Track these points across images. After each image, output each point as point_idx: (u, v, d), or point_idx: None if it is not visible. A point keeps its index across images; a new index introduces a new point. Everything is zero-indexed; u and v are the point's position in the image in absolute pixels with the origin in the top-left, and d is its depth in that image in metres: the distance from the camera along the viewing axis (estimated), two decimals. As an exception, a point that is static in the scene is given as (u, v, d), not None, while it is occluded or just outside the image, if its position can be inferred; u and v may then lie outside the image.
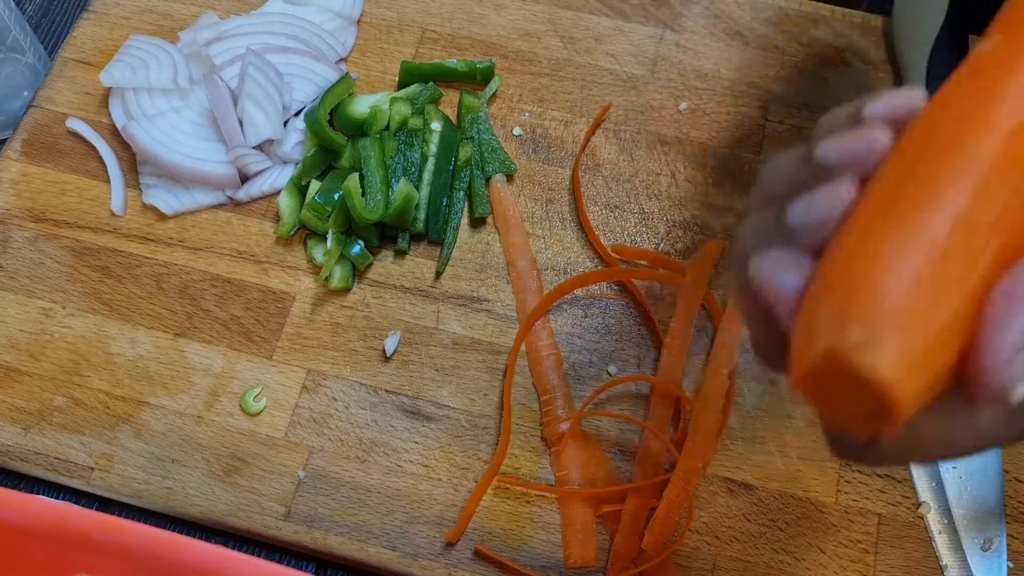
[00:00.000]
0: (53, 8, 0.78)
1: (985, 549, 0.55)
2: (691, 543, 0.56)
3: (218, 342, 0.62)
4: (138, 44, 0.69)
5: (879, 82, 0.71)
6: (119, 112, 0.68)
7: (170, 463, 0.58)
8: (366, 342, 0.62)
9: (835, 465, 0.58)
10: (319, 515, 0.57)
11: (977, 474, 0.57)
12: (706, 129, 0.69)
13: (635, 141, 0.68)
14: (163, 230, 0.65)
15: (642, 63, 0.71)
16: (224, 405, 0.60)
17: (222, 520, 0.57)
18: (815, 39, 0.72)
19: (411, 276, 0.64)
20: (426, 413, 0.60)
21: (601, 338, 0.62)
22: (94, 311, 0.63)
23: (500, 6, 0.73)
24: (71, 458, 0.58)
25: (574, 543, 0.55)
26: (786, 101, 0.70)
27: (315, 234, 0.64)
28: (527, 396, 0.60)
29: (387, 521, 0.57)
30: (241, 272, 0.64)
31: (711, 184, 0.67)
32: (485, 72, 0.69)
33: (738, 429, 0.59)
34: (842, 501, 0.57)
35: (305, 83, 0.68)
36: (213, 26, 0.70)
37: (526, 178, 0.67)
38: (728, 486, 0.58)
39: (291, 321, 0.62)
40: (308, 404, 0.60)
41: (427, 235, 0.64)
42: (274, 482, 0.58)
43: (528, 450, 0.59)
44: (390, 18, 0.73)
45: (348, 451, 0.58)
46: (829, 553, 0.56)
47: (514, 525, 0.56)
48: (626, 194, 0.66)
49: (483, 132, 0.67)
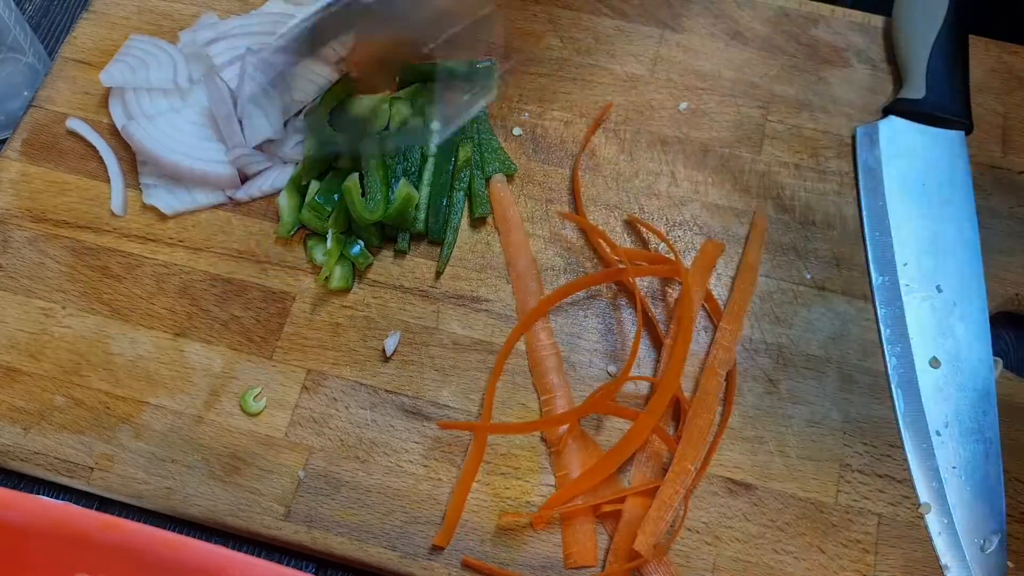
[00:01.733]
0: (53, 8, 0.78)
1: (985, 550, 0.55)
2: (691, 543, 0.56)
3: (218, 342, 0.62)
4: (138, 44, 0.69)
5: (879, 82, 0.71)
6: (119, 112, 0.68)
7: (170, 463, 0.58)
8: (366, 342, 0.62)
9: (835, 465, 0.58)
10: (319, 515, 0.57)
11: (978, 474, 0.57)
12: (706, 129, 0.69)
13: (635, 141, 0.68)
14: (163, 230, 0.65)
15: (642, 63, 0.71)
16: (224, 405, 0.60)
17: (222, 520, 0.57)
18: (815, 39, 0.72)
19: (411, 276, 0.64)
20: (426, 413, 0.60)
21: (601, 338, 0.62)
22: (94, 311, 0.63)
23: (500, 6, 0.73)
24: (71, 458, 0.58)
25: (574, 543, 0.55)
26: (786, 101, 0.70)
27: (315, 234, 0.64)
28: (527, 396, 0.60)
29: (387, 521, 0.57)
30: (241, 272, 0.64)
31: (711, 184, 0.67)
32: (485, 72, 0.69)
33: (738, 429, 0.59)
34: (842, 501, 0.57)
35: (305, 83, 0.68)
36: (213, 26, 0.70)
37: (526, 178, 0.67)
38: (728, 486, 0.58)
39: (291, 321, 0.62)
40: (308, 404, 0.60)
41: (427, 235, 0.64)
42: (274, 482, 0.58)
43: (528, 450, 0.58)
44: (390, 18, 0.73)
45: (348, 451, 0.58)
46: (829, 553, 0.56)
47: (514, 525, 0.56)
48: (626, 194, 0.66)
49: (483, 132, 0.67)
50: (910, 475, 0.58)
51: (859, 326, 0.62)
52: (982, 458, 0.58)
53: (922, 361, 0.60)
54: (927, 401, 0.59)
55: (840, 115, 0.69)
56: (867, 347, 0.61)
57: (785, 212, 0.66)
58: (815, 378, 0.61)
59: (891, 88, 0.70)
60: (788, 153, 0.68)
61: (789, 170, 0.67)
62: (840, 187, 0.67)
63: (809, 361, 0.61)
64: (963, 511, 0.56)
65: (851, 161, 0.67)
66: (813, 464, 0.58)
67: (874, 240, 0.64)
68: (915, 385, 0.60)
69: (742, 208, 0.66)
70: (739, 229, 0.65)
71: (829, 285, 0.63)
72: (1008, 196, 0.66)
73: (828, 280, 0.64)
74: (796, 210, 0.66)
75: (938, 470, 0.58)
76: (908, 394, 0.60)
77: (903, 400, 0.60)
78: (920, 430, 0.59)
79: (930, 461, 0.58)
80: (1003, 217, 0.65)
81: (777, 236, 0.65)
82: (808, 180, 0.67)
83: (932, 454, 0.58)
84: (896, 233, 0.64)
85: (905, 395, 0.60)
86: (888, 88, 0.70)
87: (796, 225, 0.65)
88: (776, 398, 0.60)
